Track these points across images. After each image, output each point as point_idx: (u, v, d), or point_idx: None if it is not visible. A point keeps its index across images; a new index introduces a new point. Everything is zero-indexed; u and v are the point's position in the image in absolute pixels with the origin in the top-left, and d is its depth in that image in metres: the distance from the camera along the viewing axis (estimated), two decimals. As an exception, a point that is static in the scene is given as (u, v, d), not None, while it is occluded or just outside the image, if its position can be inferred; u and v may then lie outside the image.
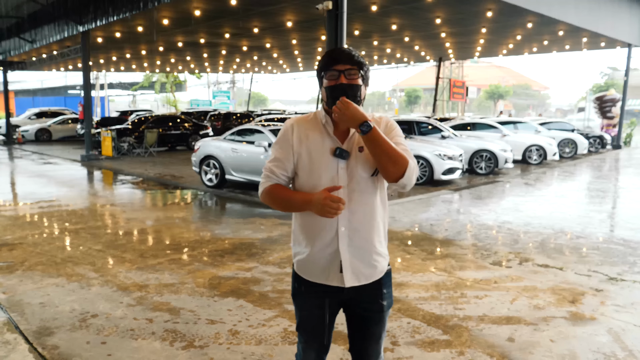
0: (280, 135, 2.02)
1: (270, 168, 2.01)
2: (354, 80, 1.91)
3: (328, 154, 1.94)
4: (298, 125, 2.01)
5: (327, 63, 1.93)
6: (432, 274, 5.00)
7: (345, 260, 1.96)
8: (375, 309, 2.05)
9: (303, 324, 2.13)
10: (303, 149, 1.97)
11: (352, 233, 1.95)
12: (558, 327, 3.80)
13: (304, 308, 2.11)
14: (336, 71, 1.91)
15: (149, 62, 28.30)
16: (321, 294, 2.03)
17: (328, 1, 8.04)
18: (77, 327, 3.75)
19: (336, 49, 1.97)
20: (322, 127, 1.98)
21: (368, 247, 1.98)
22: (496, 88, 64.74)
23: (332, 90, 1.92)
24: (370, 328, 2.08)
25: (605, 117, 22.50)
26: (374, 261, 2.00)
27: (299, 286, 2.09)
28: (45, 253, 5.66)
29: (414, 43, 20.33)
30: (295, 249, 2.09)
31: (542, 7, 13.13)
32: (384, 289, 2.06)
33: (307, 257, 2.01)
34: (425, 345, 3.49)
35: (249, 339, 3.57)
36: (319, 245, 1.98)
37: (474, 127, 15.69)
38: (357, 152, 1.95)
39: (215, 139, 10.72)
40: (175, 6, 13.01)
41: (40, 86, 59.08)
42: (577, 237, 6.57)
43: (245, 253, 5.71)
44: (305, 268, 2.04)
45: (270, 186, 2.00)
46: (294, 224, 2.09)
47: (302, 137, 1.97)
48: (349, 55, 1.92)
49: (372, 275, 2.02)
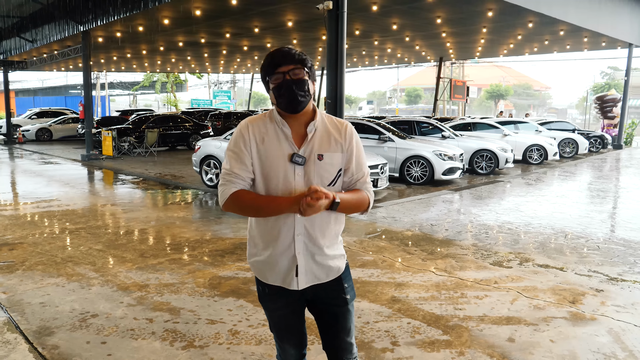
0: (237, 137, 1.94)
1: (233, 172, 1.90)
2: (300, 76, 1.86)
3: (285, 159, 1.89)
4: (253, 126, 1.94)
5: (269, 67, 1.88)
6: (432, 274, 5.00)
7: (301, 265, 1.96)
8: (339, 303, 2.09)
9: (276, 324, 2.16)
10: (261, 154, 1.91)
11: (307, 239, 1.95)
12: (558, 328, 3.80)
13: (273, 309, 2.12)
14: (280, 73, 1.86)
15: (149, 61, 28.32)
16: (284, 295, 2.04)
17: (329, 1, 8.04)
18: (77, 327, 3.75)
19: (276, 52, 1.89)
20: (278, 130, 1.93)
21: (322, 252, 1.99)
22: (497, 88, 64.72)
23: (278, 88, 1.86)
24: (338, 323, 2.11)
25: (606, 117, 22.50)
26: (331, 263, 2.03)
27: (263, 289, 2.09)
28: (45, 253, 5.66)
29: (415, 43, 20.33)
30: (250, 250, 2.07)
31: (542, 7, 13.13)
32: (345, 283, 2.09)
33: (264, 259, 2.00)
34: (425, 346, 3.49)
35: (249, 339, 3.57)
36: (277, 250, 1.97)
37: (474, 127, 15.69)
38: (316, 159, 1.91)
39: (215, 138, 10.73)
40: (175, 6, 13.02)
41: (41, 86, 59.18)
42: (578, 237, 6.57)
43: (246, 253, 5.70)
44: (261, 271, 2.03)
45: (237, 192, 1.89)
46: (251, 228, 2.06)
47: (258, 140, 1.91)
48: (289, 55, 1.86)
49: (330, 276, 2.04)
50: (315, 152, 1.91)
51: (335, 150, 1.94)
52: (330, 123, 1.99)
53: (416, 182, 10.78)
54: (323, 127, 1.96)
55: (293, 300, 2.07)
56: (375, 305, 4.17)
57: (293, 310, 2.11)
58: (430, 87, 54.79)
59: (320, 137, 1.94)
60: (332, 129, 1.97)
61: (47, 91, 56.88)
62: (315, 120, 1.94)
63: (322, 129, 1.96)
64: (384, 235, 6.60)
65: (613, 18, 17.41)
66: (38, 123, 24.56)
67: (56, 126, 24.11)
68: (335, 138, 1.96)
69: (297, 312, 2.13)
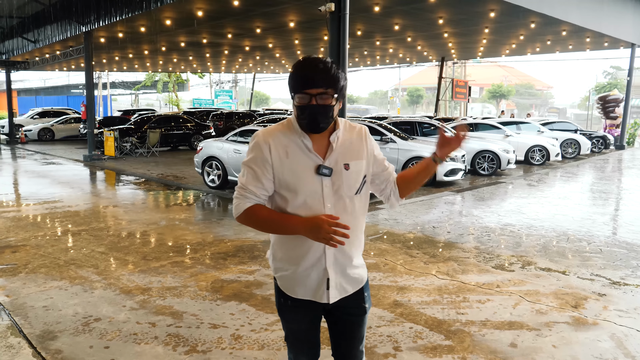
0: (255, 153, 1.87)
1: (249, 189, 1.86)
2: (326, 102, 1.79)
3: (312, 172, 1.85)
4: (274, 140, 1.87)
5: (299, 86, 1.80)
6: (434, 278, 5.00)
7: (332, 278, 1.94)
8: (359, 312, 2.08)
9: (292, 335, 2.13)
10: (285, 169, 1.85)
11: (338, 251, 1.92)
12: (560, 333, 3.80)
13: (291, 321, 2.09)
14: (307, 95, 1.78)
15: (151, 61, 28.35)
16: (308, 307, 2.01)
17: (331, 3, 8.04)
18: (80, 331, 3.76)
19: (309, 68, 1.78)
20: (299, 141, 1.87)
21: (350, 263, 1.98)
22: (499, 87, 64.60)
23: (302, 110, 1.81)
24: (354, 330, 2.10)
25: (608, 117, 22.44)
26: (356, 274, 2.02)
27: (285, 301, 2.04)
28: (48, 255, 5.67)
29: (417, 43, 20.31)
30: (276, 265, 2.02)
31: (545, 8, 13.10)
32: (365, 292, 2.10)
33: (292, 275, 1.96)
34: (427, 351, 3.49)
35: (252, 344, 3.58)
36: (305, 265, 1.93)
37: (476, 127, 15.67)
38: (343, 169, 1.88)
39: (217, 140, 10.74)
40: (177, 7, 13.02)
41: (43, 85, 59.23)
42: (580, 240, 6.56)
43: (248, 255, 5.72)
44: (290, 286, 1.99)
45: (252, 207, 1.86)
46: (275, 241, 2.01)
47: (282, 154, 1.85)
48: (322, 74, 1.76)
49: (355, 287, 2.04)
50: (341, 162, 1.88)
51: (359, 157, 1.93)
52: (349, 128, 1.97)
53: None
54: (345, 135, 1.94)
55: (314, 312, 2.05)
56: (378, 310, 4.18)
57: (312, 322, 2.09)
58: (432, 87, 54.74)
59: (344, 146, 1.91)
60: (351, 136, 1.95)
61: (49, 91, 56.95)
62: (338, 130, 1.91)
63: (344, 138, 1.93)
64: (385, 237, 6.60)
65: (616, 18, 17.37)
66: (40, 123, 24.60)
67: (58, 126, 24.14)
68: (357, 145, 1.94)
69: (316, 323, 2.11)
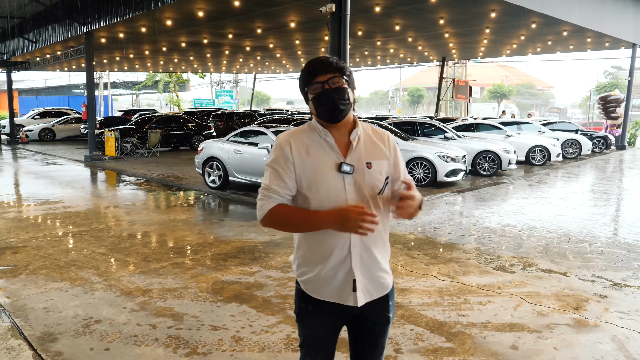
0: (276, 153, 1.89)
1: (272, 188, 1.87)
2: (339, 84, 1.84)
3: (333, 170, 1.85)
4: (295, 140, 1.89)
5: (308, 77, 1.86)
6: (435, 279, 4.99)
7: (358, 279, 1.90)
8: (382, 322, 2.04)
9: (309, 342, 2.07)
10: (307, 166, 1.85)
11: (363, 251, 1.90)
12: (562, 335, 3.79)
13: (311, 327, 2.04)
14: (319, 83, 1.83)
15: (152, 61, 28.36)
16: (331, 312, 1.97)
17: (331, 4, 8.03)
18: (80, 332, 3.76)
19: (313, 62, 1.86)
20: (322, 140, 1.89)
21: (376, 264, 1.94)
22: (499, 87, 64.55)
23: (318, 98, 1.84)
24: (377, 340, 2.07)
25: (609, 117, 22.42)
26: (382, 278, 1.98)
27: (306, 306, 1.99)
28: (48, 256, 5.67)
29: (418, 43, 20.30)
30: (301, 269, 2.00)
31: (545, 8, 13.09)
32: (390, 302, 2.05)
33: (317, 276, 1.93)
34: (428, 353, 3.48)
35: (252, 346, 3.57)
36: (331, 265, 1.90)
37: (477, 128, 15.66)
38: (365, 167, 1.87)
39: (218, 140, 10.73)
40: (178, 7, 13.03)
41: (44, 85, 59.30)
42: (581, 241, 6.55)
43: (249, 257, 5.72)
44: (315, 288, 1.95)
45: (276, 207, 1.86)
46: (300, 243, 2.00)
47: (303, 152, 1.86)
48: (327, 63, 1.84)
49: (380, 292, 1.99)
50: (363, 160, 1.87)
51: (382, 157, 1.92)
52: (372, 131, 1.97)
53: (419, 183, 10.77)
54: (365, 135, 1.94)
55: (337, 319, 2.00)
56: (378, 311, 4.17)
57: (332, 330, 2.04)
58: (433, 87, 54.68)
59: (365, 145, 1.91)
60: (374, 137, 1.95)
61: (50, 91, 57.00)
62: (357, 128, 1.91)
63: (365, 137, 1.93)
64: (386, 238, 6.58)
65: (617, 18, 17.35)
66: (41, 123, 24.62)
67: (59, 126, 24.16)
68: (380, 146, 1.93)
69: (336, 331, 2.06)
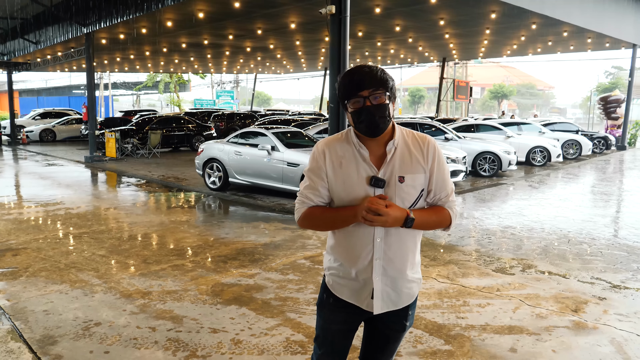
0: (312, 161, 1.94)
1: (307, 195, 1.93)
2: (380, 100, 1.79)
3: (364, 183, 1.84)
4: (330, 149, 1.90)
5: (349, 90, 1.80)
6: (434, 281, 5.00)
7: (377, 289, 1.92)
8: (398, 328, 2.06)
9: (326, 337, 2.10)
10: (337, 178, 1.87)
11: (387, 264, 1.91)
12: (560, 337, 3.79)
13: (328, 321, 2.07)
14: (360, 97, 1.78)
15: (153, 62, 28.39)
16: (350, 311, 2.01)
17: (331, 5, 8.04)
18: (80, 335, 3.77)
19: (356, 73, 1.80)
20: (355, 152, 1.87)
21: (401, 276, 1.94)
22: (500, 88, 64.52)
23: (358, 114, 1.80)
24: (388, 345, 2.10)
25: (609, 118, 22.41)
26: (406, 289, 1.98)
27: (327, 298, 2.04)
28: (48, 258, 5.68)
29: (418, 44, 20.31)
30: (328, 264, 2.03)
31: (546, 9, 13.09)
32: (410, 311, 2.05)
33: (341, 277, 1.98)
34: (427, 356, 3.49)
35: (252, 349, 3.58)
36: (354, 271, 1.93)
37: (477, 128, 15.66)
38: (397, 182, 1.84)
39: (218, 141, 10.74)
40: (179, 8, 13.04)
41: (45, 86, 59.35)
42: (581, 243, 6.55)
43: (248, 259, 5.72)
44: (337, 286, 2.00)
45: (309, 209, 1.92)
46: (332, 241, 2.02)
47: (336, 164, 1.87)
48: (370, 76, 1.78)
49: (401, 302, 1.99)
50: (396, 174, 1.84)
51: (418, 171, 1.87)
52: (411, 140, 1.91)
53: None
54: (403, 145, 1.89)
55: (355, 319, 2.04)
56: (378, 314, 4.17)
57: (349, 329, 2.07)
58: (433, 87, 54.66)
59: (401, 157, 1.87)
60: (412, 147, 1.89)
61: (50, 91, 57.03)
62: (395, 138, 1.87)
63: (402, 147, 1.88)
64: (386, 240, 6.59)
65: (617, 19, 17.35)
66: (42, 124, 24.63)
67: (60, 127, 24.18)
68: (417, 157, 1.88)
69: (352, 331, 2.09)
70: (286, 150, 9.11)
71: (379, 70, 1.81)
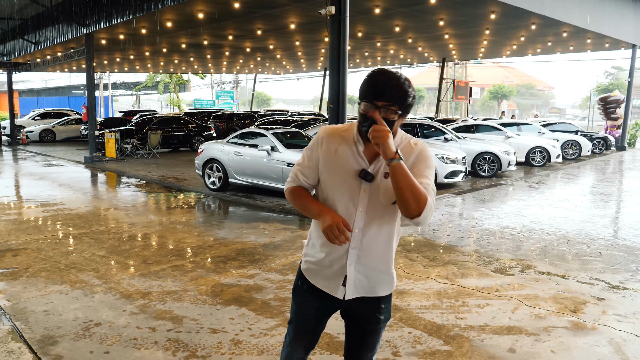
0: (310, 144, 2.05)
1: (296, 172, 2.07)
2: (389, 116, 1.84)
3: (353, 174, 1.93)
4: (329, 138, 1.99)
5: (367, 94, 1.85)
6: (433, 282, 5.01)
7: (350, 277, 2.02)
8: (372, 321, 2.13)
9: (297, 320, 2.21)
10: (329, 164, 1.97)
11: (362, 253, 2.00)
12: (559, 338, 3.81)
13: (301, 306, 2.19)
14: (373, 105, 1.83)
15: (152, 62, 28.39)
16: (322, 298, 2.09)
17: (331, 6, 8.05)
18: (80, 336, 3.78)
19: (380, 80, 1.83)
20: (353, 144, 1.96)
21: (375, 266, 2.04)
22: (500, 88, 64.53)
23: (364, 118, 1.86)
24: (366, 338, 2.16)
25: (609, 118, 22.42)
26: (379, 279, 2.06)
27: (302, 284, 2.15)
28: (49, 259, 5.69)
29: (418, 44, 20.32)
30: (306, 250, 2.14)
31: (545, 9, 13.10)
32: (382, 304, 2.12)
33: (316, 263, 2.08)
34: (426, 356, 3.50)
35: (251, 349, 3.59)
36: (329, 258, 2.03)
37: (477, 129, 15.67)
38: (382, 177, 1.92)
39: (218, 142, 10.75)
40: (178, 9, 13.05)
41: (45, 86, 59.35)
42: (580, 243, 6.56)
43: (248, 259, 5.74)
44: (311, 272, 2.11)
45: (294, 187, 2.08)
46: (312, 229, 2.13)
47: (331, 151, 1.97)
48: (391, 89, 1.81)
49: (373, 291, 2.07)
50: (382, 170, 1.92)
51: None
52: (407, 145, 1.97)
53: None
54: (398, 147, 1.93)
55: (326, 306, 2.12)
56: (377, 314, 4.18)
57: (322, 315, 2.16)
58: (433, 87, 54.67)
59: None
60: (405, 150, 1.96)
61: (50, 91, 57.04)
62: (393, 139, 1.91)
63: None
64: (386, 240, 6.60)
65: (616, 20, 17.37)
66: (42, 124, 24.63)
67: (60, 127, 24.17)
68: (406, 159, 1.93)
69: (324, 317, 2.18)
70: (286, 151, 9.13)
71: (404, 84, 1.82)
